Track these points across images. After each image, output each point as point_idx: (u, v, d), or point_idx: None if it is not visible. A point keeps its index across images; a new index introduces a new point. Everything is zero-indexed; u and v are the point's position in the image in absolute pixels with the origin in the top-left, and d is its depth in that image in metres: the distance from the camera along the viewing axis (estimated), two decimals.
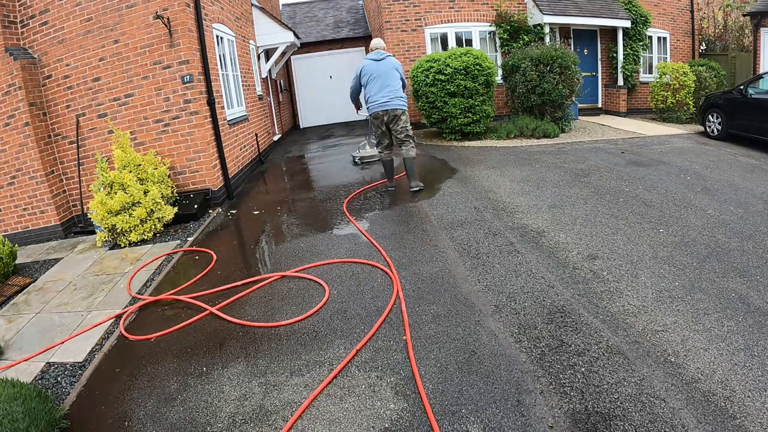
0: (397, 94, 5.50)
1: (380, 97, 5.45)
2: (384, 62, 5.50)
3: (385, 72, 5.46)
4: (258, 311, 3.35)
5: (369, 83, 5.54)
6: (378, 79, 5.47)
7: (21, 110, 5.61)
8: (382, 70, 5.47)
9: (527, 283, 3.34)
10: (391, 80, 5.47)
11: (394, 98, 5.46)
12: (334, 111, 15.19)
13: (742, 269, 3.31)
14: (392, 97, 5.45)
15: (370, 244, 4.29)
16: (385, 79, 5.46)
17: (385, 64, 5.49)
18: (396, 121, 5.52)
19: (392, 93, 5.46)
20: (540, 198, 5.21)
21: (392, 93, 5.46)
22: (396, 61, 5.60)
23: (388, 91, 5.46)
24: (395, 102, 5.46)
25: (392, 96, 5.46)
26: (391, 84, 5.48)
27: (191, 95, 5.85)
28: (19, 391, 2.41)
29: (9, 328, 3.65)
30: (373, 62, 5.51)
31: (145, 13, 5.61)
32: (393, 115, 5.50)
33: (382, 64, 5.49)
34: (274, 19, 10.88)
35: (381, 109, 5.48)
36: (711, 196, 4.99)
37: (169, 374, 2.75)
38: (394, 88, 5.48)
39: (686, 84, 10.19)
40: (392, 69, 5.49)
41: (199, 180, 6.08)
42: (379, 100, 5.45)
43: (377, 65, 5.49)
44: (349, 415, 2.24)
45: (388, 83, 5.46)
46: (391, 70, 5.48)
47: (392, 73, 5.48)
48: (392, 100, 5.45)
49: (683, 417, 2.02)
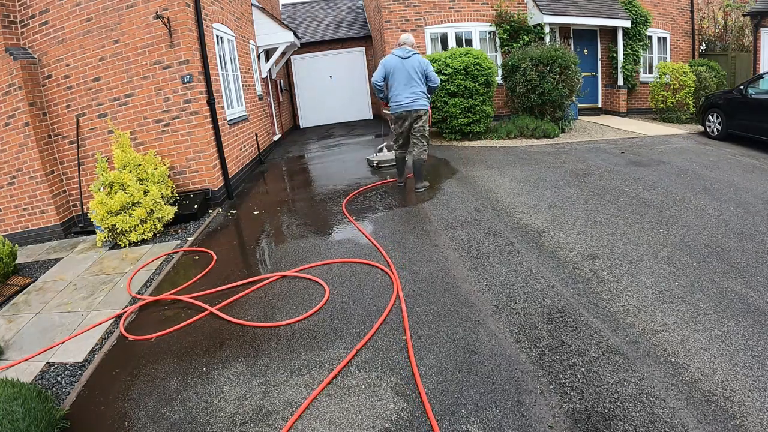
0: (422, 95, 5.45)
1: (404, 97, 5.39)
2: (409, 60, 5.37)
3: (411, 70, 5.35)
4: (258, 311, 3.35)
5: (393, 81, 5.44)
6: (402, 77, 5.37)
7: (21, 110, 5.61)
8: (408, 68, 5.36)
9: (527, 283, 3.34)
10: (416, 79, 5.38)
11: (418, 99, 5.41)
12: (334, 111, 15.20)
13: (742, 269, 3.31)
14: (416, 98, 5.40)
15: (370, 244, 4.29)
16: (410, 78, 5.36)
17: (410, 62, 5.37)
18: (417, 120, 5.49)
19: (417, 93, 5.40)
20: (540, 198, 5.21)
21: (417, 93, 5.40)
22: (423, 59, 5.46)
23: (413, 91, 5.38)
24: (419, 102, 5.43)
25: (417, 97, 5.40)
26: (416, 83, 5.39)
27: (191, 95, 5.85)
28: (19, 391, 2.41)
29: (9, 328, 3.65)
30: (399, 59, 5.39)
31: (145, 13, 5.61)
32: (416, 115, 5.48)
33: (407, 63, 5.36)
34: (274, 19, 10.88)
35: (405, 109, 5.42)
36: (711, 196, 4.99)
37: (169, 374, 2.75)
38: (419, 89, 5.41)
39: (686, 84, 10.18)
40: (417, 68, 5.37)
41: (199, 180, 6.08)
42: (403, 100, 5.39)
43: (402, 63, 5.37)
44: (349, 415, 2.24)
45: (413, 83, 5.36)
46: (416, 69, 5.36)
47: (417, 72, 5.37)
48: (416, 101, 5.41)
49: (683, 417, 2.02)
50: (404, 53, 5.40)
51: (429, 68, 5.43)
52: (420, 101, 5.43)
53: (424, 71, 5.40)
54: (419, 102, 5.42)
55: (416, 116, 5.46)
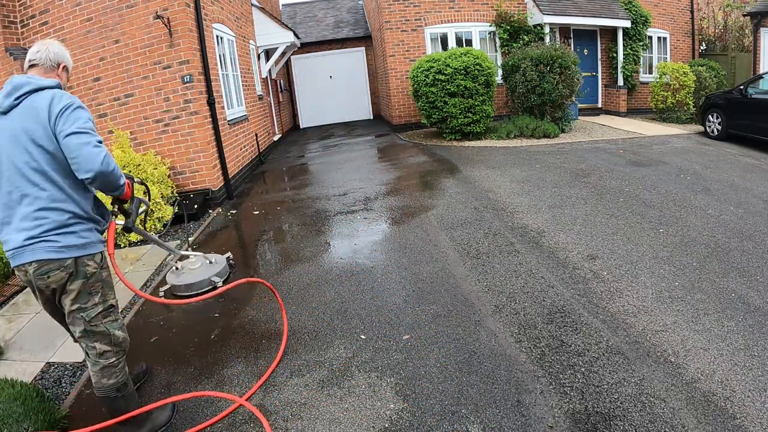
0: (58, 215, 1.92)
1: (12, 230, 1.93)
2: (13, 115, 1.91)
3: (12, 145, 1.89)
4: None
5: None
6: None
7: None
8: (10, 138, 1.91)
9: (527, 283, 3.34)
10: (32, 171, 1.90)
11: (44, 232, 1.91)
12: (334, 111, 15.20)
13: (742, 269, 3.31)
14: (39, 230, 1.90)
15: (370, 245, 4.29)
16: (17, 172, 1.90)
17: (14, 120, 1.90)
18: (65, 290, 2.00)
19: (43, 216, 1.91)
20: (540, 198, 5.21)
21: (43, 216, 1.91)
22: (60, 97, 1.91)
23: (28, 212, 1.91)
24: (45, 242, 1.91)
25: (42, 225, 1.91)
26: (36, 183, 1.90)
27: (191, 95, 5.85)
28: (20, 391, 2.41)
29: (9, 328, 3.65)
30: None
31: (145, 13, 5.61)
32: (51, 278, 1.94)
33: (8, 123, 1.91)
34: (274, 19, 10.88)
35: (16, 263, 1.94)
36: (711, 196, 4.99)
37: (170, 374, 2.75)
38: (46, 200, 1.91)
39: (686, 84, 10.18)
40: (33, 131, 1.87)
41: (199, 180, 6.08)
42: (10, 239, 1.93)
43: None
44: (349, 415, 2.24)
45: (27, 183, 1.90)
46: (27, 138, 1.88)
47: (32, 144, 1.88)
48: (41, 239, 1.90)
49: (683, 417, 2.02)
50: (5, 97, 1.92)
51: (66, 122, 1.85)
52: (53, 238, 1.91)
53: (53, 134, 1.87)
54: (50, 241, 1.90)
55: (57, 282, 1.96)
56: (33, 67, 2.06)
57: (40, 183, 1.89)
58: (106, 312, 2.08)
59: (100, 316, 2.06)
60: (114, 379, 2.10)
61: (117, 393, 2.12)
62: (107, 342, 2.07)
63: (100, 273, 2.05)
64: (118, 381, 2.11)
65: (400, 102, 11.31)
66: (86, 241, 1.99)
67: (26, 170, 1.88)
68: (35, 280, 1.93)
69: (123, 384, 2.14)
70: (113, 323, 2.11)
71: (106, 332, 2.07)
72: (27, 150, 1.87)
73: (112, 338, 2.08)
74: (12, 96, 1.90)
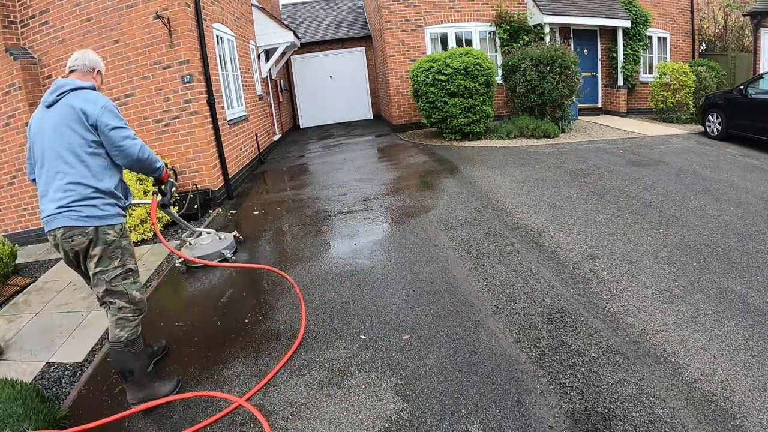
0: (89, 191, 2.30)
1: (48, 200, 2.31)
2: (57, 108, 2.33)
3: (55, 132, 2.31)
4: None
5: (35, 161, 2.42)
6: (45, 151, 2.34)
7: (21, 110, 5.61)
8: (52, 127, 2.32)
9: (527, 283, 3.34)
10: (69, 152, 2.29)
11: (75, 201, 2.27)
12: (334, 111, 15.20)
13: (742, 269, 3.31)
14: (71, 200, 2.27)
15: (370, 245, 4.29)
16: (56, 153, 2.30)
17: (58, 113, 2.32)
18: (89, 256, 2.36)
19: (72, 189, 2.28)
20: (540, 198, 5.21)
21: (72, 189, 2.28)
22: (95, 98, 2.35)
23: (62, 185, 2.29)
24: (78, 211, 2.27)
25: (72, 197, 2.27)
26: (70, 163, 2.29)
27: (191, 95, 5.85)
28: (20, 391, 2.42)
29: (9, 328, 3.65)
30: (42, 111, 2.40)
31: (145, 13, 5.61)
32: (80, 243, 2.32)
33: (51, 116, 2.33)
34: (274, 19, 10.88)
35: (51, 227, 2.31)
36: (711, 196, 4.99)
37: (169, 374, 2.75)
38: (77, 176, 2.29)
39: (686, 84, 10.18)
40: (75, 121, 2.29)
41: (199, 180, 6.08)
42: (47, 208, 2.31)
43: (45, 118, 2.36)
44: (349, 415, 2.24)
45: (63, 162, 2.29)
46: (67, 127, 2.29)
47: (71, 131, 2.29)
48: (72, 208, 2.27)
49: (683, 417, 2.02)
50: (50, 94, 2.36)
51: (108, 119, 2.30)
52: (78, 208, 2.27)
53: (94, 125, 2.30)
54: (76, 211, 2.27)
55: (80, 246, 2.32)
56: (72, 72, 2.49)
57: (71, 162, 2.28)
58: (124, 274, 2.41)
59: (119, 277, 2.38)
60: (126, 332, 2.39)
61: (125, 348, 2.38)
62: (125, 300, 2.41)
63: (119, 241, 2.39)
64: (129, 336, 2.39)
65: (400, 102, 11.31)
66: (106, 213, 2.33)
67: (62, 152, 2.28)
68: (62, 243, 2.31)
69: (132, 341, 2.41)
70: (132, 285, 2.44)
71: (124, 292, 2.40)
72: (64, 136, 2.28)
73: (129, 297, 2.41)
74: (55, 93, 2.34)
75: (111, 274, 2.36)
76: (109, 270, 2.36)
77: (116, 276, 2.37)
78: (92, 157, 2.32)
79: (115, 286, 2.37)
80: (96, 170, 2.33)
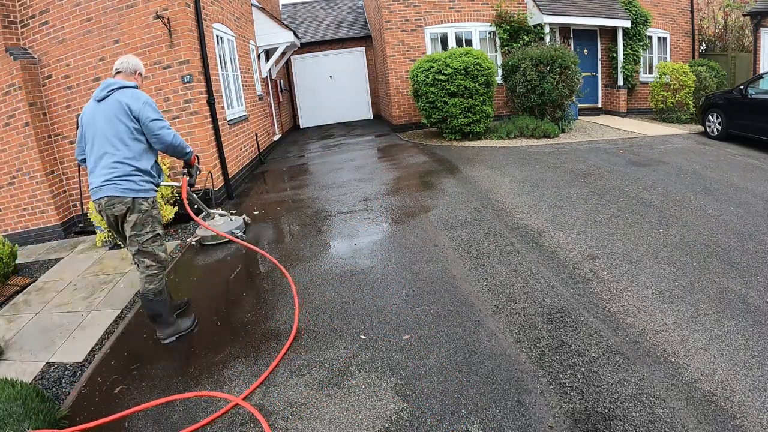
0: (130, 169, 2.83)
1: (97, 176, 2.84)
2: (107, 103, 2.86)
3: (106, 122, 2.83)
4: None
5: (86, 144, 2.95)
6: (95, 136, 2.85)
7: (21, 110, 5.61)
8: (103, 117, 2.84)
9: (527, 283, 3.34)
10: (117, 138, 2.81)
11: (120, 177, 2.80)
12: (334, 111, 15.21)
13: (742, 269, 3.31)
14: (115, 176, 2.80)
15: (370, 245, 4.29)
16: (105, 138, 2.82)
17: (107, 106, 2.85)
18: (126, 221, 2.88)
19: (116, 167, 2.80)
20: (540, 198, 5.21)
21: (116, 167, 2.80)
22: (138, 95, 2.90)
23: (108, 163, 2.81)
24: (122, 184, 2.80)
25: (116, 173, 2.80)
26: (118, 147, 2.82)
27: (191, 95, 5.85)
28: (20, 391, 2.42)
29: (9, 328, 3.65)
30: (93, 104, 2.92)
31: (145, 13, 5.61)
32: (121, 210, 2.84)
33: (103, 108, 2.85)
34: (274, 19, 10.88)
35: (97, 197, 2.85)
36: (711, 196, 4.99)
37: (169, 374, 2.75)
38: (121, 157, 2.81)
39: (686, 84, 10.18)
40: (120, 115, 2.81)
41: (199, 180, 6.08)
42: (96, 181, 2.84)
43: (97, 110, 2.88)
44: (349, 415, 2.24)
45: (111, 146, 2.82)
46: (117, 118, 2.81)
47: (120, 122, 2.81)
48: (115, 181, 2.80)
49: (683, 417, 2.02)
50: (101, 91, 2.90)
51: (148, 112, 2.83)
52: (120, 182, 2.79)
53: (137, 117, 2.82)
54: (118, 184, 2.79)
55: (119, 212, 2.84)
56: (118, 74, 3.02)
57: (117, 146, 2.80)
58: (153, 238, 2.94)
59: (149, 240, 2.91)
60: (154, 285, 2.95)
61: (154, 297, 2.96)
62: (153, 259, 2.95)
63: (151, 211, 2.92)
64: (156, 287, 2.95)
65: (400, 102, 11.31)
66: (142, 188, 2.85)
67: (110, 137, 2.80)
68: (105, 209, 2.84)
69: (159, 291, 2.97)
70: (159, 247, 2.98)
71: (153, 252, 2.94)
72: (113, 124, 2.79)
73: (156, 257, 2.96)
74: (105, 90, 2.87)
75: (143, 238, 2.89)
76: (142, 234, 2.88)
77: (147, 239, 2.90)
78: (134, 142, 2.83)
79: (146, 248, 2.91)
80: (137, 153, 2.84)
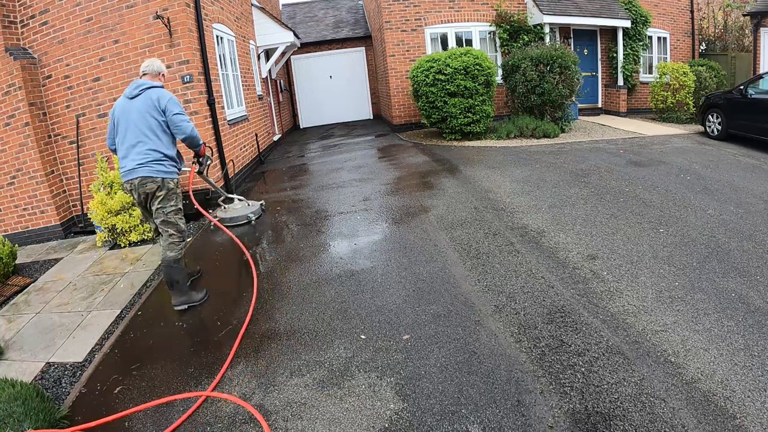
0: (158, 156, 3.40)
1: (130, 160, 3.39)
2: (138, 100, 3.42)
3: (138, 116, 3.38)
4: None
5: (117, 135, 3.51)
6: (128, 128, 3.41)
7: (21, 110, 5.61)
8: (135, 112, 3.40)
9: (527, 283, 3.34)
10: (148, 130, 3.39)
11: (149, 161, 3.37)
12: (334, 111, 15.20)
13: (742, 269, 3.31)
14: (146, 161, 3.37)
15: (370, 245, 4.29)
16: (137, 130, 3.38)
17: (138, 103, 3.41)
18: (153, 197, 3.45)
19: (147, 153, 3.37)
20: (540, 198, 5.21)
21: (147, 153, 3.37)
22: (164, 94, 3.45)
23: (140, 151, 3.37)
24: (151, 167, 3.38)
25: (146, 158, 3.37)
26: (148, 138, 3.39)
27: (191, 95, 5.85)
28: (20, 391, 2.42)
29: (9, 328, 3.65)
30: (124, 100, 3.48)
31: (145, 13, 5.61)
32: (150, 189, 3.41)
33: (134, 104, 3.42)
34: (274, 19, 10.88)
35: (129, 178, 3.41)
36: (711, 196, 4.99)
37: (169, 374, 2.75)
38: (151, 146, 3.39)
39: (686, 84, 10.18)
40: (150, 110, 3.39)
41: (199, 180, 6.07)
42: (128, 164, 3.39)
43: (128, 106, 3.44)
44: (349, 415, 2.24)
45: (142, 136, 3.38)
46: (147, 113, 3.38)
47: (149, 116, 3.39)
48: (145, 165, 3.36)
49: (683, 417, 2.02)
50: (133, 89, 3.46)
51: (172, 107, 3.40)
52: (152, 165, 3.37)
53: (162, 114, 3.41)
54: (151, 167, 3.36)
55: (150, 190, 3.40)
56: (145, 75, 3.54)
57: (149, 136, 3.36)
58: (176, 211, 3.50)
59: (173, 212, 3.47)
60: (174, 252, 3.46)
61: (174, 264, 3.45)
62: (175, 229, 3.49)
63: (175, 189, 3.51)
64: (176, 255, 3.46)
65: (400, 102, 11.31)
66: (169, 170, 3.44)
67: (143, 129, 3.35)
68: (138, 187, 3.36)
69: (178, 259, 3.47)
70: (180, 219, 3.53)
71: (174, 223, 3.49)
72: (145, 118, 3.35)
73: (177, 227, 3.50)
74: (137, 89, 3.41)
75: (168, 209, 3.45)
76: (168, 207, 3.44)
77: (171, 211, 3.46)
78: (163, 134, 3.41)
79: (170, 218, 3.46)
80: (165, 142, 3.42)
